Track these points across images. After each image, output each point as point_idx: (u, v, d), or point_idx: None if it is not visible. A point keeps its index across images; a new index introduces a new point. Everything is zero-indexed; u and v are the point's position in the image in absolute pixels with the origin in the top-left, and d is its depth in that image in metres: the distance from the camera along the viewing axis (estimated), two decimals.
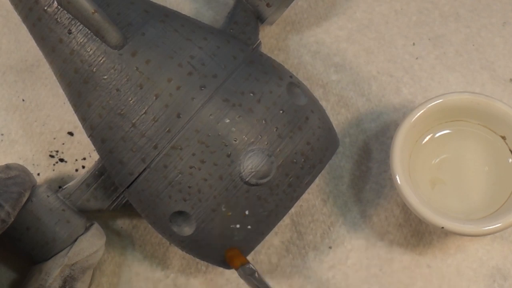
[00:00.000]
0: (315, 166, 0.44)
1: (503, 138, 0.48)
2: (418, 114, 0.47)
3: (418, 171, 0.49)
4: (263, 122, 0.43)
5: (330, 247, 0.50)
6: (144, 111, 0.42)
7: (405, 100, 0.53)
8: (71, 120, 0.52)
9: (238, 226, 0.43)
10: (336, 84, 0.53)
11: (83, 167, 0.52)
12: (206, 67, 0.43)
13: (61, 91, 0.53)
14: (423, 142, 0.49)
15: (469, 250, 0.50)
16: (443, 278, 0.49)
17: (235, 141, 0.42)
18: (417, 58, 0.54)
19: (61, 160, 0.52)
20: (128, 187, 0.44)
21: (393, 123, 0.52)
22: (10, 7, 0.46)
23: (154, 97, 0.42)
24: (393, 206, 0.51)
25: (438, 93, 0.50)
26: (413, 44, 0.54)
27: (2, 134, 0.52)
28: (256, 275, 0.42)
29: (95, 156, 0.51)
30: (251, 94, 0.43)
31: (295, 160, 0.43)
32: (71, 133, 0.52)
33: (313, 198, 0.51)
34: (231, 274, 0.50)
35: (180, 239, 0.44)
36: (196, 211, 0.42)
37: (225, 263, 0.45)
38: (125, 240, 0.50)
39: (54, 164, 0.52)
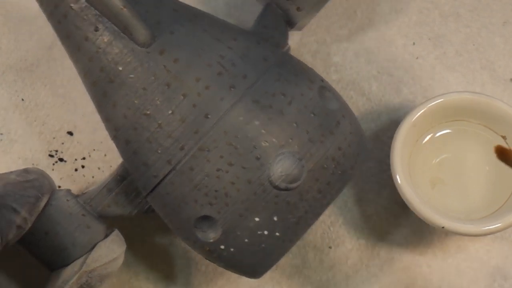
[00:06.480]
0: (346, 172, 0.42)
1: (504, 137, 0.48)
2: (418, 114, 0.47)
3: (418, 171, 0.49)
4: (294, 125, 0.41)
5: (330, 247, 0.50)
6: (171, 111, 0.40)
7: (405, 100, 0.53)
8: (71, 119, 0.52)
9: (266, 232, 0.41)
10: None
11: (83, 166, 0.51)
12: (236, 67, 0.41)
13: (60, 91, 0.53)
14: (423, 142, 0.49)
15: (469, 250, 0.50)
16: (443, 278, 0.49)
17: (265, 143, 0.40)
18: (417, 58, 0.54)
19: (61, 159, 0.52)
20: (152, 190, 0.42)
21: (393, 123, 0.52)
22: (10, 6, 0.46)
23: (182, 97, 0.40)
24: (393, 206, 0.51)
25: (438, 93, 0.50)
26: (413, 43, 0.54)
27: (1, 134, 0.52)
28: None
29: (95, 156, 0.51)
30: (282, 96, 0.41)
31: (325, 166, 0.41)
32: (70, 133, 0.52)
33: None
34: (231, 274, 0.50)
35: (204, 245, 0.42)
36: (222, 216, 0.40)
37: (252, 274, 0.43)
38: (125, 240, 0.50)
39: (53, 164, 0.52)
